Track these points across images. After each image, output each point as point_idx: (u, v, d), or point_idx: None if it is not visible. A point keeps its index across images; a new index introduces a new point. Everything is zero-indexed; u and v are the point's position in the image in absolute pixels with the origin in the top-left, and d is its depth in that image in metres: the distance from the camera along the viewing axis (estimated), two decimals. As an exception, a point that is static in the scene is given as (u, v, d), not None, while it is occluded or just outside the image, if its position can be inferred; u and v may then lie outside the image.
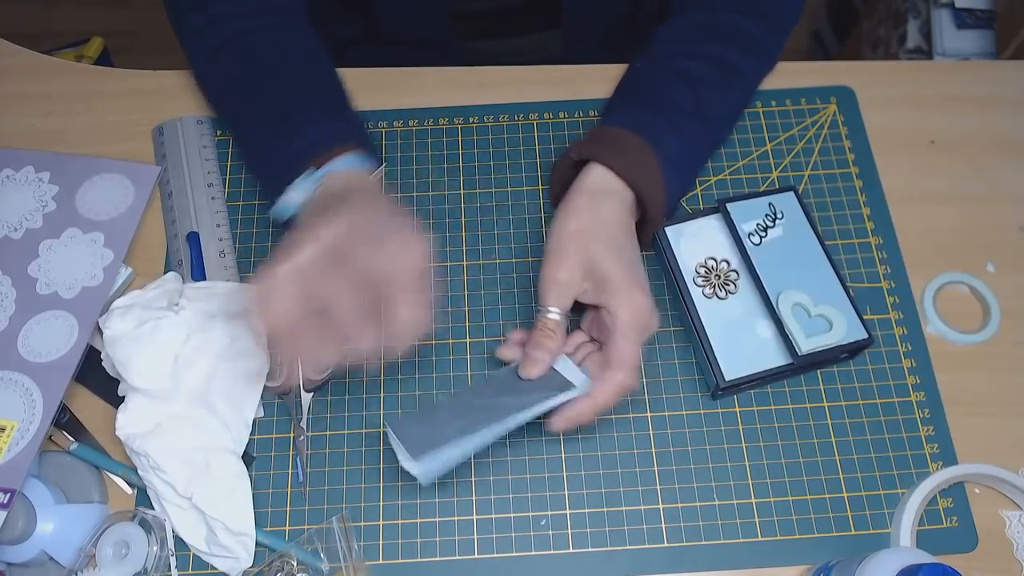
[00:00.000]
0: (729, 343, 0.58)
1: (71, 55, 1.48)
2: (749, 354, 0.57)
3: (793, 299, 0.58)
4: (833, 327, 0.57)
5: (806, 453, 0.57)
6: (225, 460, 0.55)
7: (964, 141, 0.68)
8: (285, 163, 0.56)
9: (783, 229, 0.61)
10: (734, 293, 0.59)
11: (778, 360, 0.57)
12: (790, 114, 0.69)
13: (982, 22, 1.28)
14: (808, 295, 0.58)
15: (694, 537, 0.55)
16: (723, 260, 0.61)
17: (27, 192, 0.65)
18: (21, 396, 0.56)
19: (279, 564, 0.53)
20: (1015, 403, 0.59)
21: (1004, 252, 0.64)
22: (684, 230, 0.61)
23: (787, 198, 0.62)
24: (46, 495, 0.54)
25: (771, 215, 0.61)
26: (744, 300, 0.59)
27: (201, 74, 0.66)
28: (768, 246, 0.60)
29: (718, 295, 0.59)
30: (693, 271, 0.60)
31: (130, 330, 0.55)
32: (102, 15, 1.82)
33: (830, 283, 0.59)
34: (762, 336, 0.58)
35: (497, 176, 0.67)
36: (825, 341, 0.56)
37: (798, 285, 0.58)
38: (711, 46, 0.62)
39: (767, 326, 0.58)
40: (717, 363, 0.57)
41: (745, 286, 0.60)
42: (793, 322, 0.57)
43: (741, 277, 0.60)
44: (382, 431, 0.58)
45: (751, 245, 0.60)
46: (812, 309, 0.58)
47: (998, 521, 0.55)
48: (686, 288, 0.59)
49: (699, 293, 0.59)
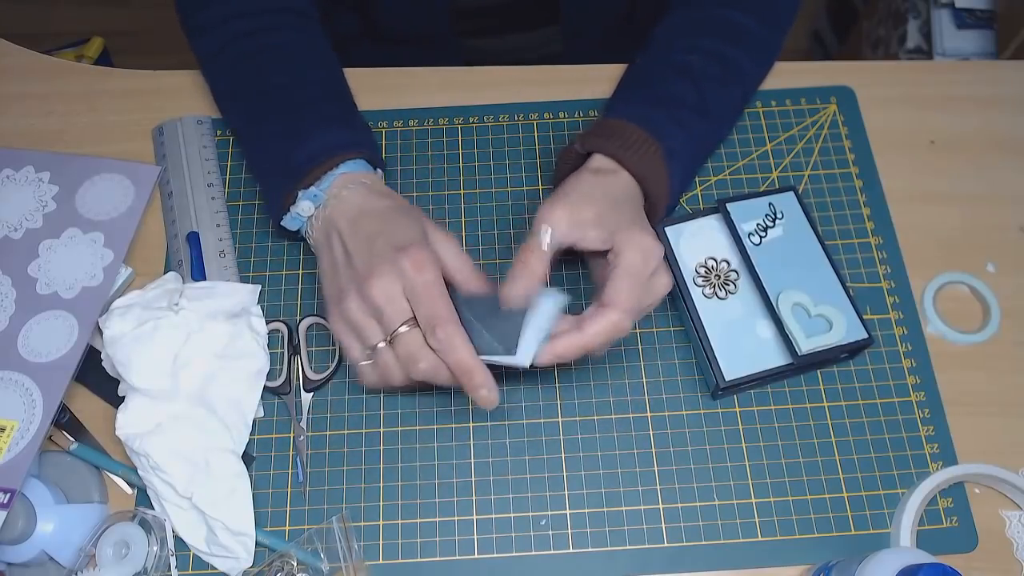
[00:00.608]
0: (729, 343, 0.57)
1: (71, 55, 1.48)
2: (749, 354, 0.57)
3: (793, 299, 0.58)
4: (833, 327, 0.57)
5: (806, 453, 0.57)
6: (225, 460, 0.55)
7: (964, 141, 0.68)
8: (297, 164, 0.56)
9: (783, 229, 0.61)
10: (734, 293, 0.59)
11: (778, 360, 0.57)
12: (790, 114, 0.69)
13: (982, 22, 1.28)
14: (808, 295, 0.58)
15: (694, 537, 0.55)
16: (723, 260, 0.61)
17: (27, 192, 0.65)
18: (21, 396, 0.56)
19: (279, 564, 0.53)
20: (1015, 403, 0.59)
21: (1004, 252, 0.64)
22: (684, 230, 0.61)
23: (787, 198, 0.62)
24: (46, 495, 0.54)
25: (771, 215, 0.61)
26: (744, 300, 0.59)
27: (209, 72, 0.66)
28: (768, 246, 0.60)
29: (718, 295, 0.59)
30: (693, 271, 0.60)
31: (130, 330, 0.55)
32: (102, 15, 1.82)
33: (830, 283, 0.59)
34: (762, 336, 0.58)
35: (497, 176, 0.67)
36: (825, 341, 0.56)
37: (798, 285, 0.58)
38: (709, 41, 0.62)
39: (767, 326, 0.58)
40: (717, 363, 0.57)
41: (745, 286, 0.60)
42: (793, 322, 0.57)
43: (741, 277, 0.60)
44: (382, 431, 0.58)
45: (751, 245, 0.60)
46: (812, 309, 0.58)
47: (998, 521, 0.55)
48: (686, 288, 0.59)
49: (699, 293, 0.59)
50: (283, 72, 0.62)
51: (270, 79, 0.61)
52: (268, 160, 0.60)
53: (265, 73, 0.62)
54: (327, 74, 0.63)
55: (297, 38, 0.63)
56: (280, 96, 0.61)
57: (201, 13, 0.64)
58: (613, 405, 0.58)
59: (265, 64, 0.62)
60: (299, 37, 0.64)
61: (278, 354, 0.60)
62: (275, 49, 0.62)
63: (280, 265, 0.63)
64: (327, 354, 0.60)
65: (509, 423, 0.58)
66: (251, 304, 0.60)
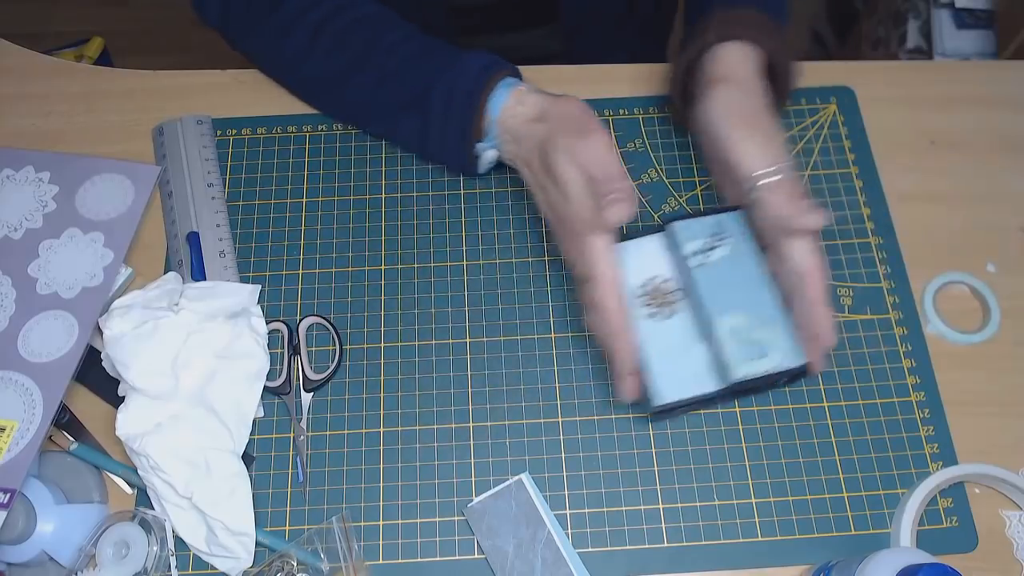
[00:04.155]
0: (666, 365, 0.55)
1: (71, 55, 1.48)
2: (685, 378, 0.55)
3: (731, 323, 0.55)
4: (770, 353, 0.54)
5: (806, 453, 0.57)
6: (225, 460, 0.55)
7: (964, 141, 0.68)
8: (466, 85, 0.59)
9: (728, 250, 0.57)
10: (676, 314, 0.57)
11: (712, 385, 0.55)
12: (790, 114, 0.69)
13: (982, 22, 1.28)
14: (748, 319, 0.55)
15: (694, 537, 0.55)
16: (666, 280, 0.58)
17: (27, 192, 0.65)
18: (21, 396, 0.56)
19: (279, 564, 0.53)
20: (1015, 403, 0.59)
21: (1004, 252, 0.64)
22: (630, 247, 0.58)
23: (735, 218, 0.59)
24: (46, 495, 0.54)
25: (717, 235, 0.58)
26: (685, 322, 0.56)
27: (308, 67, 0.65)
28: (711, 267, 0.57)
29: (659, 315, 0.57)
30: (635, 290, 0.57)
31: (130, 330, 0.55)
32: (102, 15, 1.82)
33: (771, 307, 0.56)
34: (697, 360, 0.55)
35: (497, 176, 0.67)
36: (760, 367, 0.53)
37: (738, 308, 0.55)
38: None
39: (704, 349, 0.56)
40: (652, 385, 0.54)
41: (686, 307, 0.57)
42: (729, 346, 0.54)
43: (683, 298, 0.57)
44: (382, 431, 0.58)
45: (694, 265, 0.56)
46: (750, 334, 0.55)
47: (998, 521, 0.55)
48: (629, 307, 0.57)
49: (641, 312, 0.57)
50: (391, 30, 0.63)
51: (384, 38, 0.63)
52: (426, 102, 0.61)
53: (379, 34, 0.63)
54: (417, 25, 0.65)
55: (377, 5, 0.65)
56: (407, 47, 0.62)
57: (275, 15, 0.64)
58: (613, 405, 0.58)
59: (371, 29, 0.63)
60: (377, 3, 0.65)
61: (278, 354, 0.60)
62: (369, 17, 0.64)
63: (280, 265, 0.63)
64: (327, 354, 0.60)
65: (509, 423, 0.58)
66: (251, 304, 0.60)
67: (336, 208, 0.66)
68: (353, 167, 0.67)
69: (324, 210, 0.66)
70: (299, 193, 0.66)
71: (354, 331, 0.61)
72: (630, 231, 0.59)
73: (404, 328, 0.61)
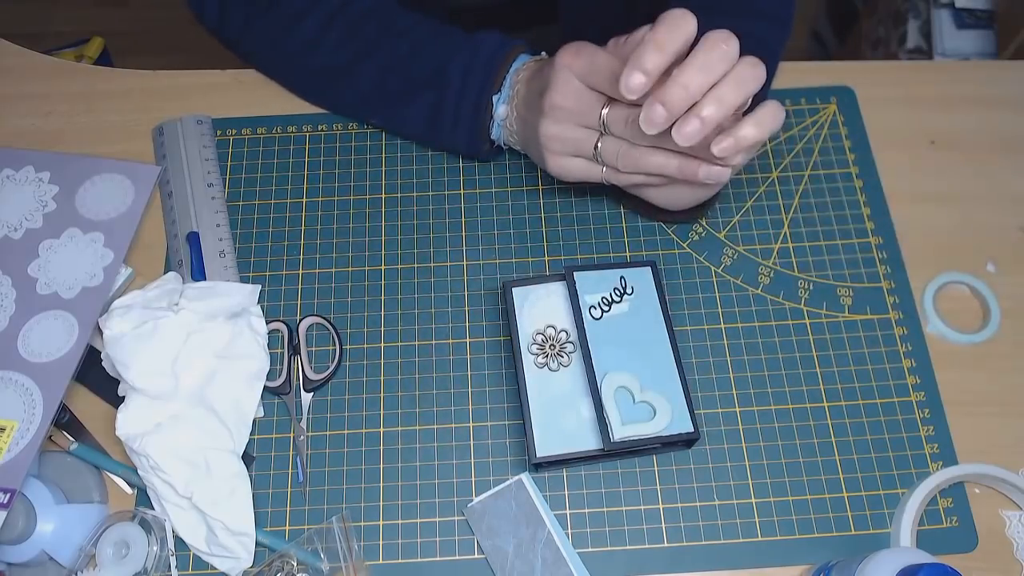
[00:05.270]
0: (549, 418, 0.54)
1: (71, 55, 1.48)
2: (566, 433, 0.54)
3: (619, 382, 0.54)
4: (656, 416, 0.53)
5: (806, 453, 0.57)
6: (225, 460, 0.55)
7: (964, 141, 0.68)
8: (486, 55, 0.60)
9: (629, 305, 0.56)
10: (566, 367, 0.56)
11: (592, 444, 0.54)
12: (790, 114, 0.69)
13: (982, 22, 1.28)
14: (638, 379, 0.54)
15: (694, 537, 0.55)
16: (562, 330, 0.57)
17: (27, 192, 0.65)
18: (21, 396, 0.56)
19: (279, 564, 0.53)
20: (1015, 403, 0.59)
21: (1004, 252, 0.64)
22: (530, 294, 0.58)
23: (642, 273, 0.58)
24: (46, 495, 0.54)
25: (620, 289, 0.57)
26: (574, 376, 0.56)
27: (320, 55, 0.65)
28: (608, 322, 0.56)
29: (550, 366, 0.56)
30: (530, 337, 0.57)
31: (130, 330, 0.55)
32: (102, 15, 1.82)
33: (666, 369, 0.54)
34: (583, 416, 0.55)
35: (497, 176, 0.67)
36: (643, 430, 0.52)
37: (629, 367, 0.54)
38: None
39: (589, 406, 0.54)
40: (532, 438, 0.54)
41: (577, 361, 0.56)
42: (613, 406, 0.53)
43: (576, 351, 0.56)
44: (382, 431, 0.58)
45: (590, 319, 0.56)
46: (638, 395, 0.54)
47: (998, 521, 0.55)
48: (520, 354, 0.56)
49: (531, 361, 0.56)
50: (402, 17, 0.64)
51: (396, 24, 0.64)
52: (443, 76, 0.61)
53: (390, 21, 0.64)
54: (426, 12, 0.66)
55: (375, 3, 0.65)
56: (420, 29, 0.63)
57: (276, 10, 0.65)
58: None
59: (382, 17, 0.64)
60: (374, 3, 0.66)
61: (278, 354, 0.60)
62: (379, 8, 0.64)
63: (280, 265, 0.64)
64: (327, 354, 0.60)
65: (509, 423, 0.58)
66: (251, 304, 0.60)
67: (336, 208, 0.66)
68: (353, 167, 0.67)
69: (324, 210, 0.66)
70: (299, 193, 0.66)
71: (354, 331, 0.61)
72: (535, 276, 0.60)
73: (404, 328, 0.61)
